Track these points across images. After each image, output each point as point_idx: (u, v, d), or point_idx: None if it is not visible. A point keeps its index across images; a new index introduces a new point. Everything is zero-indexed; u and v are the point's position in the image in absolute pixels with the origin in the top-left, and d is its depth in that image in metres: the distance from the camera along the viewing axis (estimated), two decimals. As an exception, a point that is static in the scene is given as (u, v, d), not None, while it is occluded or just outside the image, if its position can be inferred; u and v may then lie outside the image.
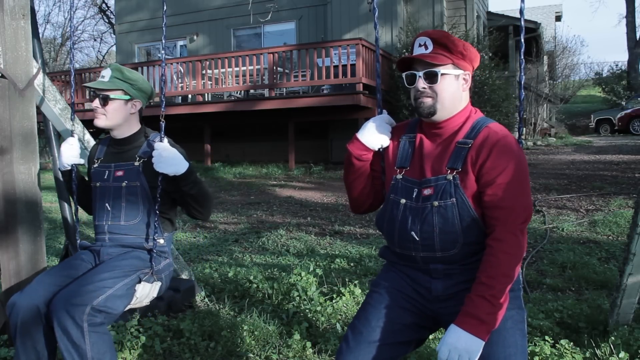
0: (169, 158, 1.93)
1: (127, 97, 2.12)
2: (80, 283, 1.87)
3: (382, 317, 1.59)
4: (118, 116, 2.12)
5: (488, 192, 1.49)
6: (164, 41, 2.13)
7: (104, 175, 2.16)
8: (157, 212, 2.08)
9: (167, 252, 2.18)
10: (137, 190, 2.09)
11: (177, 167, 1.93)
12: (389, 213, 1.65)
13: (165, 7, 2.14)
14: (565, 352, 2.26)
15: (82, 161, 2.22)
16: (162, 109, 2.09)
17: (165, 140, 2.02)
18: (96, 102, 2.09)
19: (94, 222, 2.20)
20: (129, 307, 2.01)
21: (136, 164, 2.11)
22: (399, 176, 1.64)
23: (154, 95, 2.25)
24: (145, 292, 2.04)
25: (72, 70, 2.52)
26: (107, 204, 2.12)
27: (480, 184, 1.50)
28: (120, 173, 2.12)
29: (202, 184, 2.04)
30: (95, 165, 2.21)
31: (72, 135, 2.25)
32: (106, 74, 2.10)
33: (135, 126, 2.19)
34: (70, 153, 2.18)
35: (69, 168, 2.22)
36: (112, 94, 2.09)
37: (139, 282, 2.00)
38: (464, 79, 1.61)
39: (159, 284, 2.09)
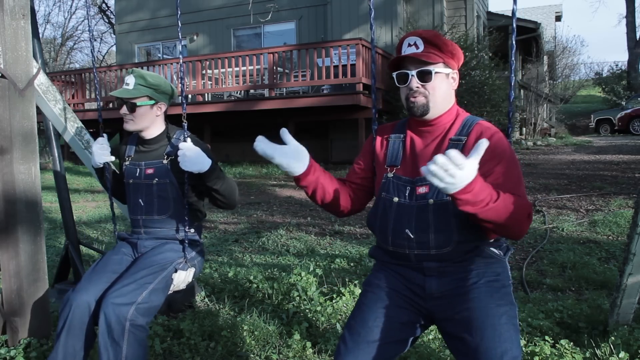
0: (192, 157, 2.06)
1: (152, 102, 2.25)
2: (123, 283, 1.99)
3: (379, 317, 1.59)
4: (145, 120, 2.26)
5: (488, 181, 1.49)
6: (179, 45, 2.19)
7: (136, 172, 2.30)
8: (186, 206, 2.23)
9: (198, 240, 2.34)
10: (167, 186, 2.25)
11: (200, 165, 2.06)
12: (381, 211, 1.65)
13: (179, 12, 2.24)
14: (565, 352, 2.27)
15: (112, 158, 2.35)
16: (184, 110, 2.21)
17: (189, 139, 2.14)
18: (124, 109, 2.22)
19: (129, 216, 2.37)
20: (170, 292, 2.18)
21: (164, 162, 2.26)
22: (390, 174, 1.66)
23: (176, 95, 2.37)
24: (182, 279, 2.22)
25: (95, 73, 2.53)
26: (140, 200, 2.28)
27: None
28: (150, 171, 2.28)
29: (225, 178, 2.18)
30: (127, 162, 2.35)
31: (102, 135, 2.37)
32: (130, 81, 2.21)
33: (161, 126, 2.33)
34: (102, 152, 2.31)
35: (102, 166, 2.35)
36: (138, 101, 2.21)
37: (175, 271, 2.17)
38: (452, 77, 1.64)
39: (193, 269, 2.27)
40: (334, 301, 2.98)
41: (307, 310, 2.86)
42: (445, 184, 1.28)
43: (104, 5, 26.82)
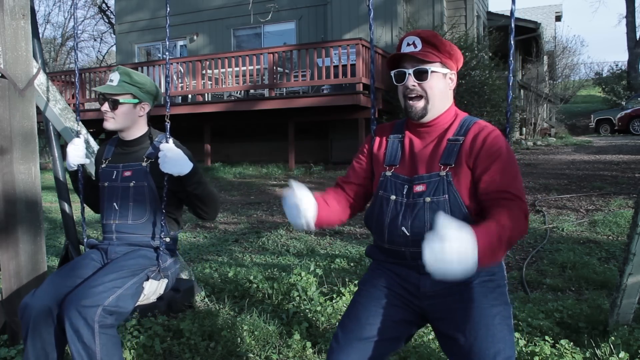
0: (173, 159, 1.98)
1: (136, 101, 2.16)
2: (90, 284, 1.89)
3: (372, 314, 1.60)
4: (127, 119, 2.16)
5: (485, 178, 1.53)
6: (167, 42, 2.15)
7: (112, 175, 2.20)
8: (164, 211, 2.13)
9: (174, 250, 2.24)
10: (145, 190, 2.14)
11: (181, 167, 1.99)
12: (378, 209, 1.67)
13: (168, 9, 2.18)
14: (565, 352, 2.27)
15: (87, 161, 2.27)
16: (167, 110, 2.14)
17: (171, 141, 2.07)
18: (105, 106, 2.13)
19: (101, 221, 2.24)
20: (137, 304, 2.07)
21: (144, 164, 2.16)
22: (389, 173, 1.67)
23: (160, 96, 2.30)
24: (153, 289, 2.11)
25: (76, 72, 2.54)
26: (114, 204, 2.17)
27: (476, 174, 1.55)
28: (128, 173, 2.17)
29: (206, 185, 2.09)
30: (103, 165, 2.25)
31: (78, 136, 2.30)
32: (115, 78, 2.14)
33: (143, 127, 2.23)
34: (76, 153, 2.22)
35: (75, 168, 2.27)
36: (121, 98, 2.13)
37: (147, 279, 2.06)
38: (450, 78, 1.66)
39: (165, 280, 2.16)
40: (334, 301, 2.98)
41: (307, 310, 2.86)
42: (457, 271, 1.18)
43: (104, 5, 26.82)
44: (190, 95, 11.36)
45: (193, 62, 10.81)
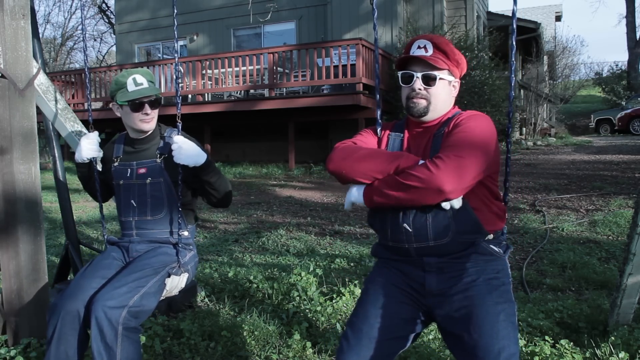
0: (189, 150, 2.03)
1: (159, 98, 2.24)
2: (115, 285, 1.92)
3: (381, 313, 1.61)
4: (156, 117, 2.24)
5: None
6: (176, 44, 2.20)
7: (127, 173, 2.23)
8: (179, 208, 2.18)
9: (192, 243, 2.29)
10: (161, 186, 2.19)
11: (196, 158, 2.03)
12: (380, 207, 1.67)
13: (175, 10, 2.23)
14: (565, 352, 2.27)
15: (101, 154, 2.27)
16: (178, 110, 2.20)
17: (181, 134, 2.12)
18: (147, 109, 2.16)
19: (119, 219, 2.28)
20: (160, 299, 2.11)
21: (158, 160, 2.20)
22: None
23: None
24: (175, 284, 2.16)
25: (86, 72, 2.53)
26: (132, 201, 2.21)
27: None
28: (143, 170, 2.21)
29: (220, 173, 2.14)
30: (116, 163, 2.27)
31: (92, 130, 2.31)
32: (143, 80, 2.16)
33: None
34: (90, 147, 2.23)
35: (87, 161, 2.27)
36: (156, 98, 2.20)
37: (169, 276, 2.11)
38: (453, 85, 1.69)
39: (186, 275, 2.21)
40: (334, 301, 2.98)
41: (307, 310, 2.86)
42: None
43: (104, 5, 26.81)
44: (190, 95, 11.35)
45: (193, 62, 10.81)
